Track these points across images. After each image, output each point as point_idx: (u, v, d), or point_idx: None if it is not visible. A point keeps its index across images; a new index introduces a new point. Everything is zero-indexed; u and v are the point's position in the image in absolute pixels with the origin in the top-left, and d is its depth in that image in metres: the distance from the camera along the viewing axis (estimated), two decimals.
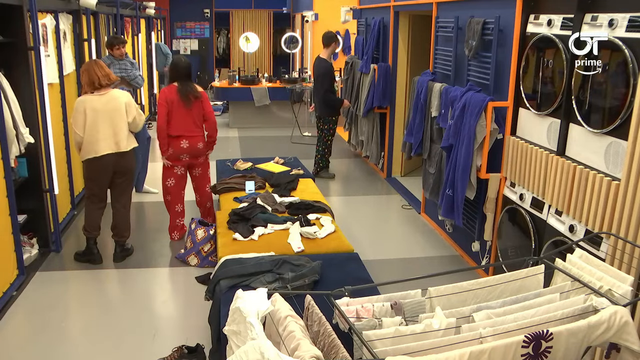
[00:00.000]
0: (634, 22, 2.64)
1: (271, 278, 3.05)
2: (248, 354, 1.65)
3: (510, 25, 3.69)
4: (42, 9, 4.37)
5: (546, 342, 1.78)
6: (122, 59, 5.54)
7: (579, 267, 2.22)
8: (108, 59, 5.52)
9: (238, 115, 9.87)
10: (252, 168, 5.48)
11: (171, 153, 4.59)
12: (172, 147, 4.57)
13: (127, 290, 4.00)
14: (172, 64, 4.68)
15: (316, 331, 2.04)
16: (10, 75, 3.97)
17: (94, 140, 4.04)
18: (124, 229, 4.40)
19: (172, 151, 4.58)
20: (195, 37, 14.71)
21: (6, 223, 3.74)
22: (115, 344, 3.30)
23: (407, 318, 2.12)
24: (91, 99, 4.04)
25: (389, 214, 5.71)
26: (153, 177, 6.26)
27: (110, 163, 4.13)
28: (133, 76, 5.60)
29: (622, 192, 2.66)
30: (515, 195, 3.71)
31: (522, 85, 3.64)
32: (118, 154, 4.14)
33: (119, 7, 7.40)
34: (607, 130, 2.83)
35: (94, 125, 4.03)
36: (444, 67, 4.83)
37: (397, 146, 6.63)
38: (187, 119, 4.55)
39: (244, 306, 1.86)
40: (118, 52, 5.51)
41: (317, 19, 10.28)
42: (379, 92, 6.42)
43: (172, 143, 4.56)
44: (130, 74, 5.55)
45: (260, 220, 3.94)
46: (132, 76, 5.56)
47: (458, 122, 4.02)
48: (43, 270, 4.22)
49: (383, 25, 6.60)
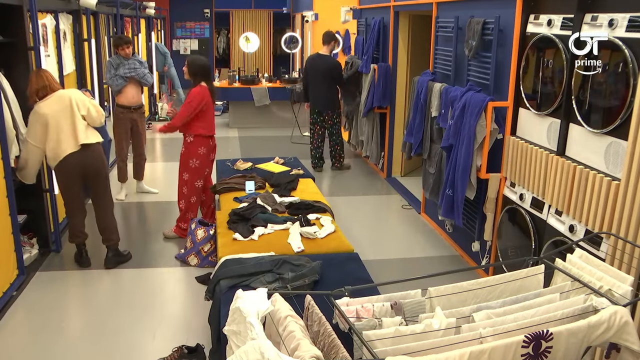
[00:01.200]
0: (634, 22, 2.64)
1: (271, 278, 3.05)
2: (248, 354, 1.65)
3: (510, 25, 3.69)
4: (42, 9, 4.37)
5: (546, 342, 1.78)
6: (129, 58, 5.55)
7: (579, 267, 2.22)
8: (117, 59, 5.51)
9: (238, 115, 9.86)
10: (252, 168, 5.47)
11: (203, 153, 4.58)
12: (204, 147, 4.58)
13: (127, 290, 4.00)
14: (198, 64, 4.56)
15: (316, 331, 2.04)
16: (10, 75, 3.97)
17: (57, 145, 3.89)
18: (111, 232, 4.29)
19: (205, 151, 4.58)
20: (195, 37, 14.71)
21: (6, 223, 3.74)
22: (115, 344, 3.30)
23: (407, 318, 2.12)
24: (39, 106, 3.84)
25: (389, 214, 5.71)
26: (153, 177, 6.27)
27: (76, 163, 3.96)
28: (142, 74, 5.61)
29: (622, 192, 2.66)
30: (515, 195, 3.71)
31: (522, 85, 3.64)
32: (81, 151, 3.95)
33: (119, 7, 7.40)
34: (607, 130, 2.83)
35: (52, 130, 3.85)
36: (444, 67, 4.83)
37: (397, 146, 6.63)
38: (213, 119, 4.66)
39: (244, 306, 1.86)
40: (124, 53, 5.53)
41: (317, 19, 10.27)
42: (379, 92, 6.42)
43: (204, 142, 4.57)
44: (138, 72, 5.56)
45: (260, 220, 3.94)
46: (140, 74, 5.57)
47: (458, 122, 4.02)
48: (43, 270, 4.22)
49: (383, 25, 6.60)
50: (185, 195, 4.70)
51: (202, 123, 4.52)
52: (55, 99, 3.89)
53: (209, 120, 4.59)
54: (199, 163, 4.59)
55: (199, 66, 4.54)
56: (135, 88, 5.60)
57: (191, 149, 4.58)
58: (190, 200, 4.71)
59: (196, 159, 4.58)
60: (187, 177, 4.65)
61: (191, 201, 4.72)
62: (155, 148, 8.28)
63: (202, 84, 4.52)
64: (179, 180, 4.72)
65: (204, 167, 4.66)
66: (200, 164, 4.61)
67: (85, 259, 4.29)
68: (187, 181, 4.66)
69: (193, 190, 4.69)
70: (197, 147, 4.56)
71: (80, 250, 4.29)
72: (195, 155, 4.57)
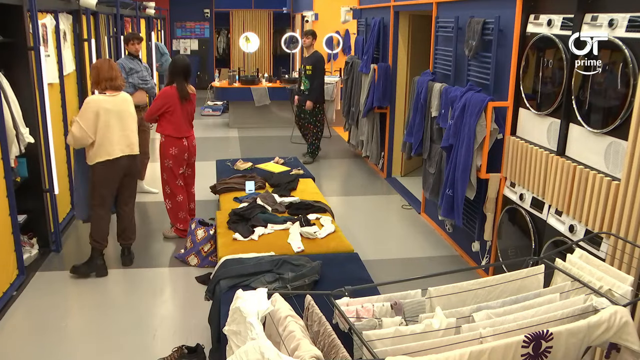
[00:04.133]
0: (634, 22, 2.64)
1: (271, 278, 3.05)
2: (248, 354, 1.65)
3: (510, 25, 3.69)
4: (42, 9, 4.37)
5: (546, 342, 1.78)
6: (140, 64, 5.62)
7: (579, 267, 2.22)
8: (130, 62, 5.54)
9: (238, 115, 9.86)
10: (252, 168, 5.48)
11: (175, 153, 4.59)
12: (175, 148, 4.58)
13: (127, 290, 4.00)
14: (177, 64, 4.61)
15: (316, 331, 2.04)
16: (10, 75, 3.96)
17: (107, 142, 3.93)
18: (132, 232, 4.36)
19: (176, 151, 4.59)
20: (195, 37, 14.71)
21: (6, 223, 3.74)
22: (115, 344, 3.30)
23: (407, 318, 2.12)
24: (104, 99, 3.95)
25: (389, 214, 5.71)
26: (153, 176, 6.26)
27: (123, 166, 4.06)
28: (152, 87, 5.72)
29: (622, 192, 2.66)
30: (515, 195, 3.71)
31: (522, 85, 3.64)
32: (130, 156, 4.09)
33: (119, 7, 7.40)
34: (607, 130, 2.83)
35: (106, 126, 3.92)
36: (444, 67, 4.83)
37: (397, 146, 6.62)
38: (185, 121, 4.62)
39: (244, 306, 1.86)
40: (133, 48, 5.58)
41: (317, 19, 10.27)
42: (379, 92, 6.42)
43: (175, 143, 4.58)
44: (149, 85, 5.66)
45: (260, 220, 3.94)
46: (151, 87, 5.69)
47: (458, 122, 4.02)
48: (43, 270, 4.22)
49: (383, 25, 6.60)
50: (169, 194, 4.74)
51: (169, 124, 4.54)
52: (118, 99, 4.03)
53: (177, 121, 4.56)
54: (171, 163, 4.62)
55: (177, 67, 4.57)
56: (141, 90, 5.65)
57: (163, 149, 4.63)
58: (177, 200, 4.73)
59: (169, 159, 4.61)
60: (165, 176, 4.70)
61: (178, 200, 4.73)
62: (155, 148, 8.27)
63: (174, 84, 4.55)
64: (161, 180, 4.78)
65: (178, 167, 4.65)
66: (174, 164, 4.62)
67: (103, 267, 4.15)
68: (167, 181, 4.70)
69: (177, 189, 4.71)
70: (168, 147, 4.59)
71: (95, 257, 4.13)
72: (168, 156, 4.61)
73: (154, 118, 4.62)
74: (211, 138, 8.97)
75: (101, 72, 3.96)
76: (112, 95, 4.00)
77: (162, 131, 4.61)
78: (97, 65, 4.05)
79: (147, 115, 4.70)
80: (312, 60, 7.13)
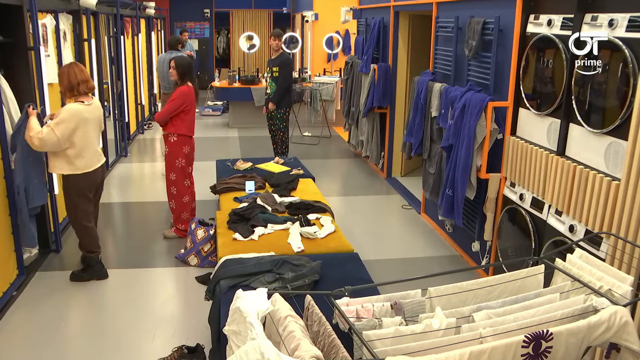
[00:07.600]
0: (634, 22, 2.64)
1: (271, 278, 3.05)
2: (248, 354, 1.65)
3: (510, 25, 3.69)
4: (42, 9, 4.37)
5: (546, 342, 1.78)
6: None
7: (579, 267, 2.22)
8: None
9: (238, 115, 9.87)
10: (252, 168, 5.48)
11: (187, 152, 4.61)
12: (188, 146, 4.61)
13: (127, 290, 4.00)
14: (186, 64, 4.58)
15: (316, 331, 2.04)
16: (10, 75, 3.96)
17: (87, 154, 3.82)
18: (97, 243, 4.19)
19: (189, 150, 4.61)
20: (195, 37, 14.71)
21: (6, 223, 3.74)
22: (115, 344, 3.30)
23: (407, 318, 2.12)
24: (84, 109, 3.76)
25: (389, 214, 5.71)
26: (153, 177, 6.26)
27: (99, 176, 4.02)
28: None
29: (622, 192, 2.66)
30: (515, 195, 3.71)
31: (522, 85, 3.64)
32: (102, 165, 4.04)
33: (119, 7, 7.40)
34: (607, 130, 2.83)
35: (85, 137, 3.77)
36: (444, 67, 4.83)
37: (397, 146, 6.63)
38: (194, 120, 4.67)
39: (244, 306, 1.86)
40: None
41: (317, 19, 10.28)
42: (379, 92, 6.42)
43: (187, 142, 4.61)
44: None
45: (260, 220, 3.94)
46: None
47: (458, 122, 4.02)
48: (43, 270, 4.22)
49: (383, 25, 6.60)
50: (174, 195, 4.72)
51: (184, 123, 4.56)
52: (93, 107, 3.89)
53: (191, 120, 4.62)
54: (184, 162, 4.62)
55: (187, 66, 4.59)
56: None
57: (176, 149, 4.60)
58: (183, 200, 4.73)
59: (182, 159, 4.61)
60: (174, 177, 4.67)
61: (183, 201, 4.73)
62: (156, 147, 8.28)
63: (189, 83, 4.57)
64: (167, 180, 4.74)
65: (189, 166, 4.70)
66: (186, 163, 4.64)
67: (104, 270, 4.13)
68: (174, 181, 4.68)
69: (183, 189, 4.71)
70: (182, 146, 4.59)
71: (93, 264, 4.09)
72: (181, 155, 4.60)
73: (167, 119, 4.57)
74: (211, 138, 8.97)
75: (72, 76, 3.75)
76: (89, 104, 3.82)
77: (175, 130, 4.56)
78: (64, 71, 3.80)
79: (162, 115, 4.56)
80: (279, 62, 6.62)
